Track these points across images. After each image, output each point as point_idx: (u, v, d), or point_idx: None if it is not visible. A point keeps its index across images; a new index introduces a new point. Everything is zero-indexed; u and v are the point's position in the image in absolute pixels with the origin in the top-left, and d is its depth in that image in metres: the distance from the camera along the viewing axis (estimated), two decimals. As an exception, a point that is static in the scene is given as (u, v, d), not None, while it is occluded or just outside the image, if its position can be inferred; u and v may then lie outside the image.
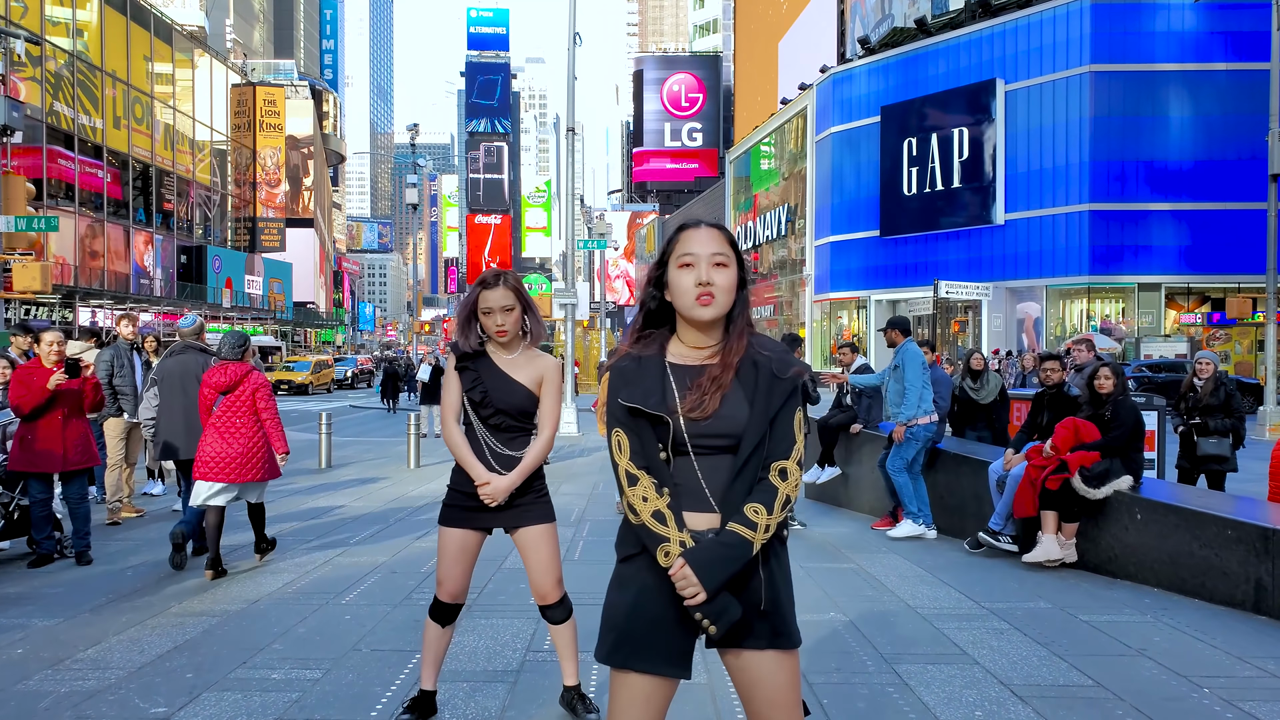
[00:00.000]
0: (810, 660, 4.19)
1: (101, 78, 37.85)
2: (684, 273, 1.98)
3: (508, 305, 3.25)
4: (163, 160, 44.10)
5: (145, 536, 7.37)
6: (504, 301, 3.25)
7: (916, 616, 5.00)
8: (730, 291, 2.00)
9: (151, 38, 42.73)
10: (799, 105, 46.66)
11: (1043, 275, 33.63)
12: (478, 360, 3.31)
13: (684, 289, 1.98)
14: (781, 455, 1.96)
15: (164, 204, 44.71)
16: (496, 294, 3.25)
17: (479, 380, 3.28)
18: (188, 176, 47.48)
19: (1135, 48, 32.17)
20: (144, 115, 41.96)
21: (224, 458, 5.76)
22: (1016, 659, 4.25)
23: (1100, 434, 6.20)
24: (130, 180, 40.89)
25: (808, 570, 6.14)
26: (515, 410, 3.29)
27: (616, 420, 1.98)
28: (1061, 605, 5.23)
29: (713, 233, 2.02)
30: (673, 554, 1.89)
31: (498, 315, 3.24)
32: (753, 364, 1.99)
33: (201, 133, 49.58)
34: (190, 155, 47.83)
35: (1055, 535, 6.18)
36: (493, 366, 3.30)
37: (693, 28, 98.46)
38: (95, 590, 5.54)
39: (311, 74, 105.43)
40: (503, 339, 3.27)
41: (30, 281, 13.11)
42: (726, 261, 1.99)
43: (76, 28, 36.60)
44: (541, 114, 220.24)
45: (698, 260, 1.97)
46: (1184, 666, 4.15)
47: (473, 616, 4.89)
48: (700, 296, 1.96)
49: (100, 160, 37.87)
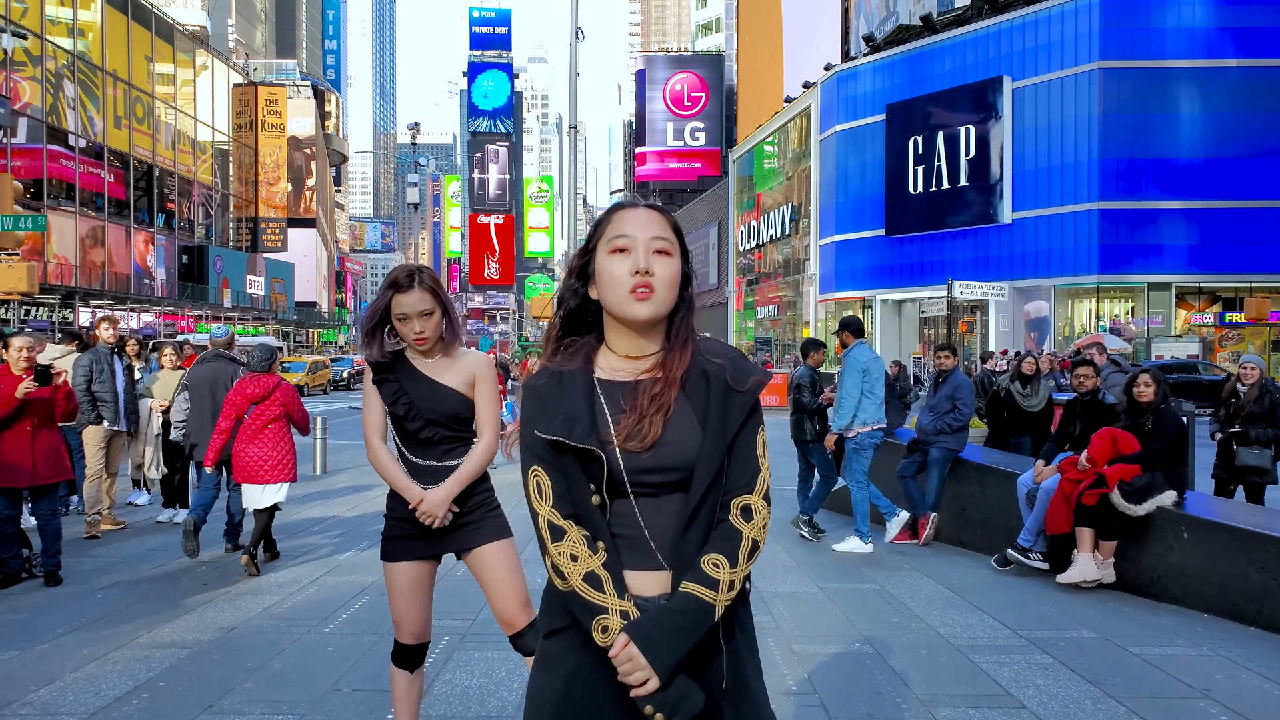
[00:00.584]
0: (836, 701, 3.77)
1: (103, 78, 37.53)
2: (616, 259, 1.57)
3: (426, 310, 2.82)
4: (164, 160, 43.80)
5: (123, 552, 6.96)
6: (421, 305, 2.82)
7: (950, 648, 4.58)
8: (673, 286, 1.59)
9: (153, 37, 42.42)
10: (803, 104, 46.22)
11: (1051, 275, 33.15)
12: (397, 368, 2.89)
13: (616, 279, 1.57)
14: (744, 489, 1.55)
15: (166, 204, 44.41)
16: (412, 297, 2.80)
17: (401, 391, 2.86)
18: (189, 176, 47.18)
19: (1145, 44, 31.70)
20: (145, 115, 41.66)
21: (260, 461, 6.14)
22: (1068, 701, 3.83)
23: (1140, 445, 5.78)
24: (131, 180, 40.59)
25: (826, 592, 5.73)
26: (448, 418, 2.86)
27: (535, 457, 1.56)
28: (1106, 635, 4.80)
29: (654, 214, 1.61)
30: (612, 629, 1.47)
31: (415, 321, 2.82)
32: (702, 375, 1.58)
33: (203, 133, 49.27)
34: (192, 155, 47.52)
35: (1092, 554, 5.76)
36: (415, 373, 2.89)
37: (695, 26, 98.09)
38: (60, 616, 5.13)
39: (314, 74, 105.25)
40: (422, 347, 2.86)
41: (16, 282, 12.70)
42: (670, 249, 1.59)
43: (78, 28, 36.29)
44: (544, 114, 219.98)
45: (634, 244, 1.57)
46: (1254, 711, 3.73)
47: (465, 649, 4.48)
48: (636, 289, 1.55)
49: (101, 160, 37.56)
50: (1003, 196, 34.82)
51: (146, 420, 8.44)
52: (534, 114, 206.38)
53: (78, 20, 36.35)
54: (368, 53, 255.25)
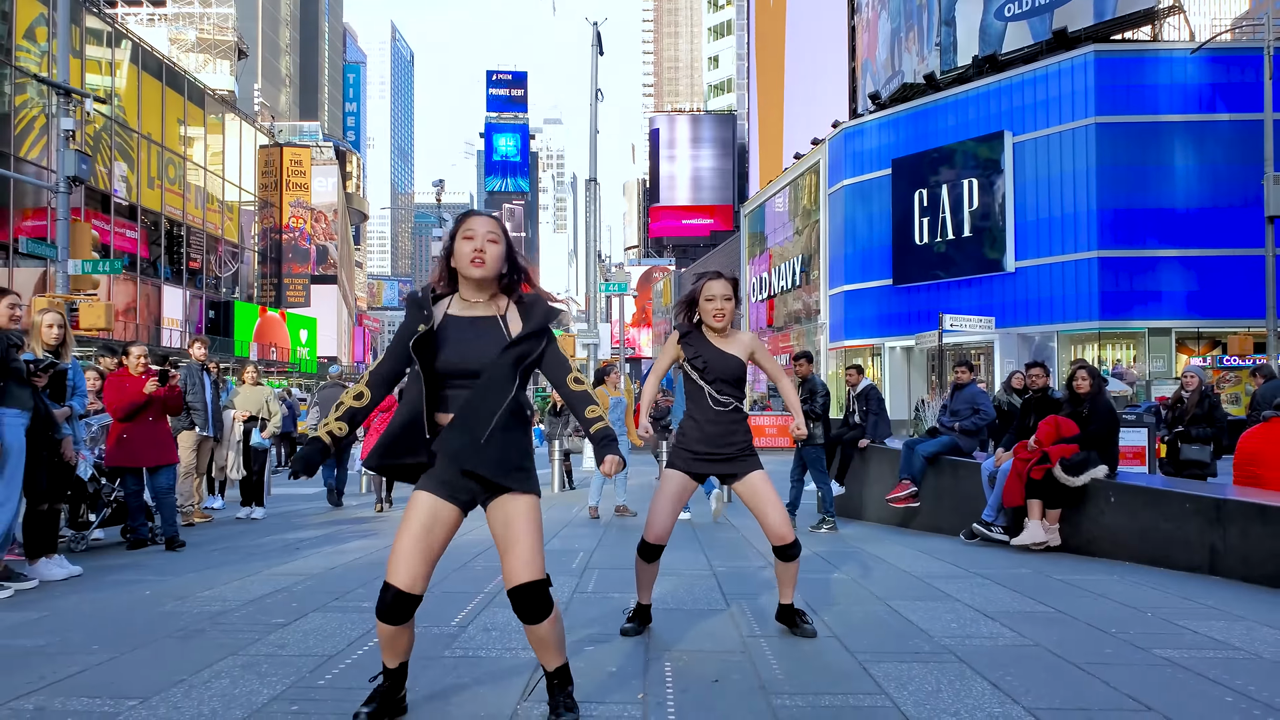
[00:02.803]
0: (814, 597, 4.90)
1: (136, 140, 39.61)
2: (464, 242, 2.87)
3: (726, 294, 3.91)
4: (192, 219, 45.73)
5: (220, 533, 8.16)
6: (725, 291, 3.91)
7: (911, 578, 5.70)
8: (498, 260, 2.89)
9: (185, 101, 44.66)
10: (812, 159, 47.95)
11: (1054, 321, 34.29)
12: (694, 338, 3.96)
13: (463, 254, 2.85)
14: (567, 370, 3.09)
15: (191, 262, 46.26)
16: (718, 285, 3.92)
17: (698, 354, 3.92)
18: (216, 234, 49.13)
19: (1139, 100, 33.23)
20: (176, 175, 43.71)
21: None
22: (992, 598, 4.97)
23: (1078, 429, 6.93)
24: (161, 239, 42.46)
25: (822, 556, 6.85)
26: (733, 378, 3.95)
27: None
28: (1040, 571, 5.92)
29: (490, 219, 2.91)
30: (320, 431, 2.95)
31: (719, 303, 3.89)
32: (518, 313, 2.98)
33: (230, 192, 51.38)
34: (219, 214, 49.54)
35: (1040, 520, 6.88)
36: (709, 345, 3.94)
37: (707, 87, 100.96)
38: (193, 563, 6.32)
39: (335, 135, 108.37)
40: (719, 324, 3.91)
41: (95, 319, 14.12)
42: (496, 239, 2.86)
43: (113, 93, 38.45)
44: (559, 173, 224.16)
45: (476, 235, 2.85)
46: (1136, 601, 4.85)
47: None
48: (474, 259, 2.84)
49: (134, 220, 39.44)
50: (1006, 246, 36.12)
51: (230, 428, 9.69)
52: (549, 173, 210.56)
53: (114, 86, 38.53)
54: (386, 114, 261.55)
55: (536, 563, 2.74)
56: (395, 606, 2.70)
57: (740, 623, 4.34)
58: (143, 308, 40.28)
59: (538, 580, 2.73)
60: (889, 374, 40.79)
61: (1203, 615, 4.52)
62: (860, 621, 4.39)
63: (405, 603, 2.70)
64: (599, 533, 8.12)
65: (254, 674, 3.42)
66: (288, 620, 4.34)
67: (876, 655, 3.73)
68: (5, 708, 3.01)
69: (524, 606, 2.74)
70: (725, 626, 4.26)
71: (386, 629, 2.75)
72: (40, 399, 5.59)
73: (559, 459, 13.21)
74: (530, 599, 2.73)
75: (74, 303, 14.20)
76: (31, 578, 5.43)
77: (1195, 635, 4.10)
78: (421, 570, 2.72)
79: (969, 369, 9.07)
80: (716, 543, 7.28)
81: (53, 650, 3.77)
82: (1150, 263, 32.56)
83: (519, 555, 2.74)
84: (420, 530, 2.73)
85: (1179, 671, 3.50)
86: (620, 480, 10.12)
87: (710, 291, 3.90)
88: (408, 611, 2.72)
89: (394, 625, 2.73)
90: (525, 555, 2.74)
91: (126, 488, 7.14)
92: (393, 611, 2.71)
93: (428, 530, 2.74)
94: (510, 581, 2.74)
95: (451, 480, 2.77)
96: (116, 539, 7.40)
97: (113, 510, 7.26)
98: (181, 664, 3.54)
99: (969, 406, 8.59)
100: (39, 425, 5.51)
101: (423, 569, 2.72)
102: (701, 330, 3.96)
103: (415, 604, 2.73)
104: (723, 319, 3.88)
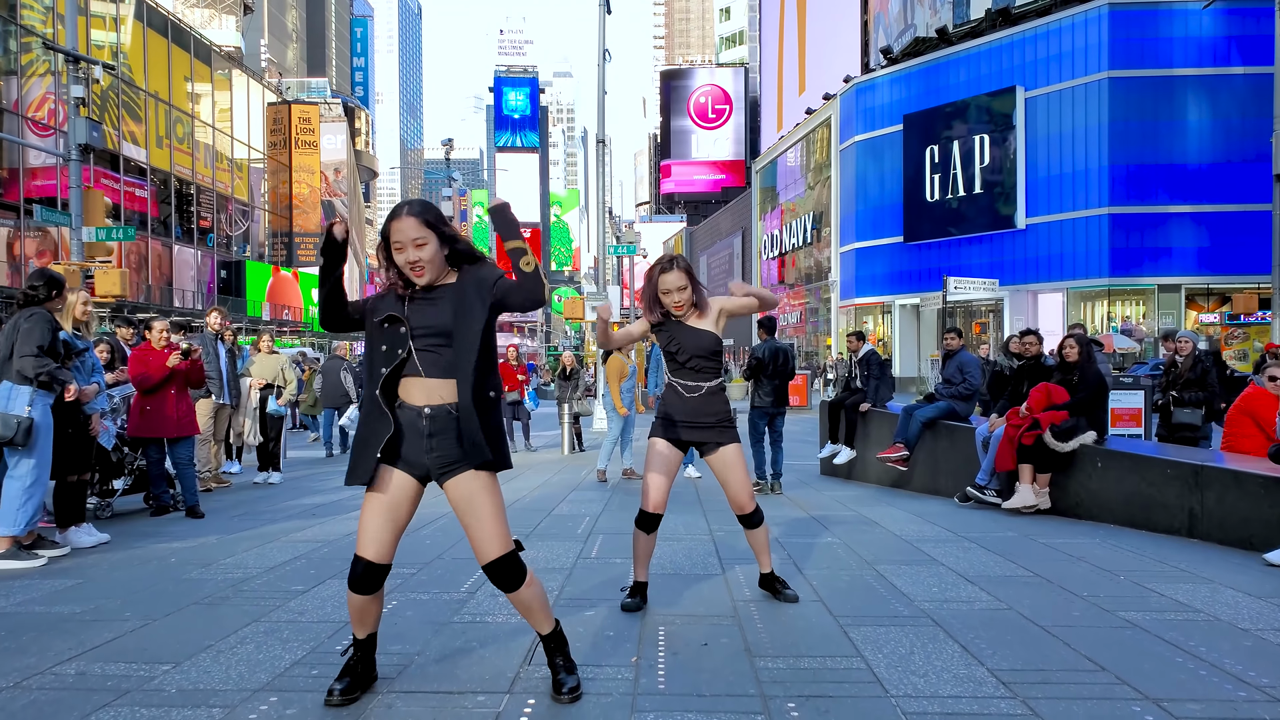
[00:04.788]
0: (803, 561, 5.15)
1: (144, 98, 39.59)
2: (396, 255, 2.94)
3: (680, 285, 4.04)
4: (202, 178, 45.79)
5: (238, 499, 8.48)
6: (679, 282, 4.03)
7: (901, 541, 5.95)
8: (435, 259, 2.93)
9: (191, 59, 44.49)
10: (824, 114, 47.57)
11: (1064, 278, 34.25)
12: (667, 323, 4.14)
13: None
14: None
15: (202, 221, 46.41)
16: (670, 277, 4.04)
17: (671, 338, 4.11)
18: (226, 193, 49.21)
19: (1152, 53, 32.81)
20: (185, 134, 43.70)
21: None
22: (975, 562, 5.21)
23: (1069, 396, 7.12)
24: (171, 198, 42.60)
25: (816, 519, 7.10)
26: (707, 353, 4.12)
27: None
28: (1026, 534, 6.16)
29: (412, 220, 2.90)
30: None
31: (675, 295, 4.02)
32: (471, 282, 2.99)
33: (239, 150, 51.34)
34: (229, 172, 49.58)
35: (1031, 485, 7.10)
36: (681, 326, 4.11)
37: (719, 39, 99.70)
38: (214, 529, 6.62)
39: (343, 91, 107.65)
40: (682, 313, 4.07)
41: (111, 286, 14.38)
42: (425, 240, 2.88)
43: (119, 50, 38.35)
44: (569, 127, 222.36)
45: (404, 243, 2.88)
46: (1111, 565, 5.08)
47: (529, 542, 5.90)
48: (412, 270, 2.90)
49: (144, 180, 39.55)
50: (1016, 203, 35.98)
51: (246, 396, 9.97)
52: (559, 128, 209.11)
53: (120, 44, 38.41)
54: (395, 70, 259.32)
55: (502, 536, 2.92)
56: (366, 577, 2.89)
57: (733, 587, 4.59)
58: (154, 268, 40.57)
59: (507, 553, 2.92)
60: (899, 331, 40.90)
61: (1172, 578, 4.75)
62: (845, 586, 4.64)
63: (375, 573, 2.90)
64: (605, 496, 8.40)
65: (276, 640, 3.69)
66: (306, 587, 4.62)
67: (857, 619, 3.98)
68: (49, 673, 3.29)
69: (500, 578, 2.93)
70: (718, 591, 4.52)
71: (357, 599, 2.94)
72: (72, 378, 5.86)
73: (568, 422, 13.49)
74: (504, 571, 2.92)
75: (89, 270, 14.47)
76: (64, 545, 5.74)
77: (1160, 598, 4.33)
78: (388, 541, 2.91)
79: (958, 335, 9.22)
80: (718, 506, 7.54)
81: (88, 617, 4.06)
82: (1161, 219, 32.42)
83: (485, 532, 2.90)
84: (384, 506, 2.91)
85: (1138, 634, 3.73)
86: (628, 443, 10.40)
87: (665, 285, 4.04)
88: (377, 581, 2.92)
89: (365, 595, 2.93)
90: (490, 531, 2.90)
91: (148, 457, 7.43)
92: (363, 582, 2.90)
93: (393, 506, 2.92)
94: (482, 558, 2.93)
95: (409, 455, 2.93)
96: (139, 505, 7.71)
97: (134, 479, 7.56)
98: (209, 630, 3.82)
99: (958, 373, 8.79)
100: (68, 404, 5.77)
101: (389, 540, 2.91)
102: (670, 317, 4.14)
103: (384, 574, 2.93)
104: (684, 307, 4.05)
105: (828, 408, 10.50)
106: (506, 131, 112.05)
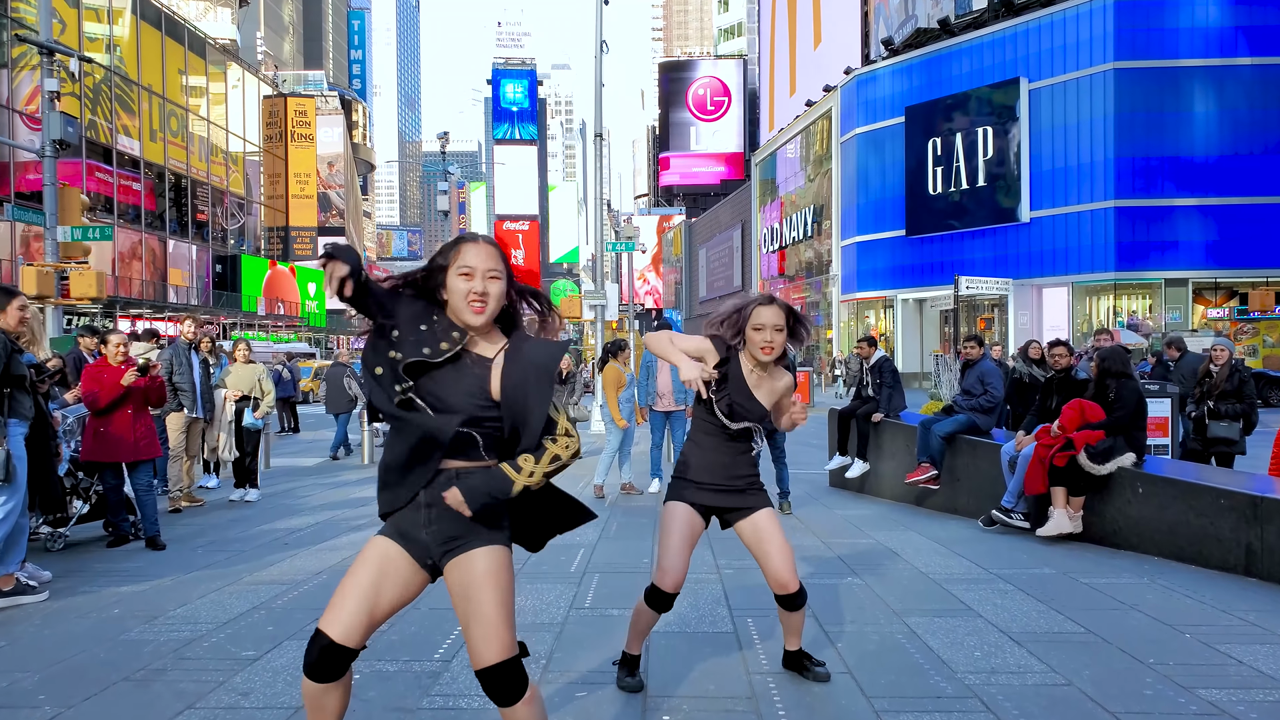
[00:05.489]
0: (827, 614, 4.59)
1: (138, 92, 38.91)
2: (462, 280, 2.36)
3: (778, 325, 3.36)
4: (197, 172, 45.16)
5: (208, 522, 7.90)
6: (776, 320, 3.36)
7: (929, 582, 5.38)
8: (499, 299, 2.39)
9: (186, 52, 43.79)
10: (824, 107, 46.90)
11: (1069, 272, 33.65)
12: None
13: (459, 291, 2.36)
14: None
15: (198, 214, 45.77)
16: (770, 312, 3.37)
17: (725, 394, 3.40)
18: (221, 187, 48.56)
19: (1159, 44, 32.16)
20: (179, 128, 43.02)
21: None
22: (1017, 612, 4.64)
23: (1105, 414, 6.55)
24: (165, 192, 41.95)
25: (829, 545, 6.53)
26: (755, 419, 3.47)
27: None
28: (1065, 570, 5.59)
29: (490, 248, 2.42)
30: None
31: (769, 334, 3.35)
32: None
33: (234, 144, 50.66)
34: (224, 166, 48.91)
35: (1065, 509, 6.53)
36: (741, 384, 3.41)
37: (717, 31, 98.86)
38: (172, 565, 6.05)
39: (340, 84, 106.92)
40: (767, 357, 3.37)
41: (86, 289, 13.79)
42: (499, 275, 2.39)
43: (113, 43, 37.67)
44: (568, 120, 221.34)
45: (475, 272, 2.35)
46: (1171, 617, 4.51)
47: (518, 583, 5.33)
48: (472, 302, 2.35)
49: (137, 173, 38.93)
50: (1020, 196, 35.37)
51: (221, 409, 9.38)
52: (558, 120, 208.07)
53: (112, 36, 37.71)
54: (392, 62, 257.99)
55: (506, 638, 2.32)
56: (325, 661, 2.27)
57: (748, 654, 4.02)
58: (148, 263, 39.94)
59: (509, 659, 2.31)
60: (901, 327, 40.32)
61: (1244, 636, 4.19)
62: (876, 649, 4.08)
63: (337, 657, 2.28)
64: (603, 517, 7.83)
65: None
66: (258, 653, 4.04)
67: (895, 700, 3.42)
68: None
69: (495, 688, 2.29)
70: (731, 660, 3.95)
71: (312, 687, 2.29)
72: (40, 404, 5.35)
73: (563, 428, 12.92)
74: (501, 680, 2.29)
75: (64, 271, 13.87)
76: (42, 590, 5.22)
77: (1240, 667, 3.77)
78: (360, 625, 2.30)
79: (979, 344, 8.63)
80: (724, 535, 6.95)
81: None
82: (1168, 212, 31.81)
83: (484, 631, 2.29)
84: (371, 577, 2.34)
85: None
86: (626, 456, 9.83)
87: (760, 319, 3.36)
88: (340, 667, 2.29)
89: (321, 684, 2.29)
90: (493, 629, 2.29)
91: (104, 483, 6.85)
92: (321, 667, 2.27)
93: (377, 581, 2.34)
94: (476, 662, 2.31)
95: (404, 526, 2.39)
96: (98, 533, 7.14)
97: (91, 506, 6.99)
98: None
99: (979, 384, 8.22)
100: (39, 432, 5.27)
101: (362, 624, 2.30)
102: (739, 357, 3.44)
103: (350, 658, 2.30)
104: (771, 352, 3.37)
105: (837, 417, 9.92)
106: (505, 124, 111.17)
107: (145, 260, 39.76)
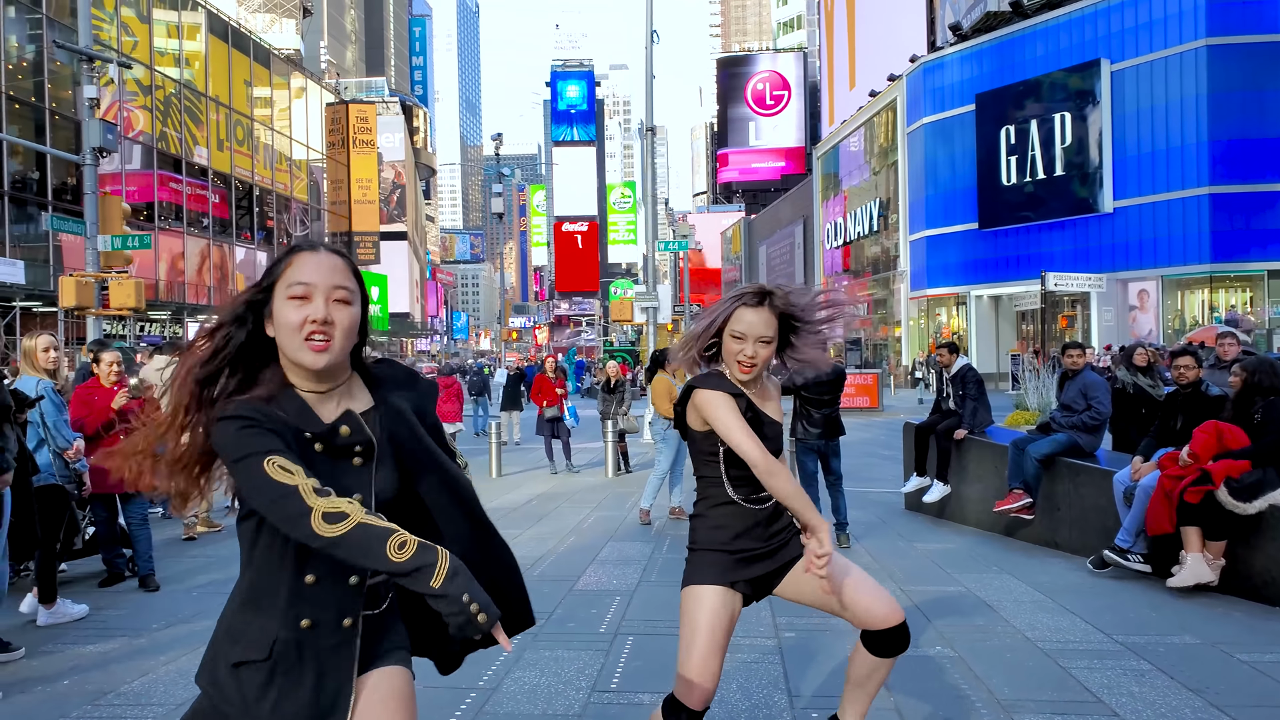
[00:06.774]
0: (913, 704, 3.63)
1: (206, 103, 39.34)
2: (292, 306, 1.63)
3: (767, 337, 2.50)
4: (263, 180, 45.60)
5: (218, 554, 7.22)
6: (765, 332, 2.49)
7: (1038, 652, 4.37)
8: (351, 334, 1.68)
9: (251, 63, 44.25)
10: (888, 97, 45.33)
11: (1157, 265, 31.68)
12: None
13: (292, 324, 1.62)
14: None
15: (266, 221, 46.23)
16: (755, 316, 2.49)
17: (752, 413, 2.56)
18: (286, 194, 49.01)
19: (1255, 16, 30.04)
20: (245, 137, 43.47)
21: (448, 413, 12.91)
22: (1165, 709, 3.60)
23: (1248, 439, 5.43)
24: (233, 200, 42.43)
25: (906, 591, 5.55)
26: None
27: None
28: (1212, 640, 4.52)
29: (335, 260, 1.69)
30: (409, 542, 1.47)
31: (750, 346, 2.49)
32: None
33: (299, 152, 51.13)
34: (289, 174, 49.37)
35: (1202, 554, 5.43)
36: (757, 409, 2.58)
37: (776, 25, 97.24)
38: (157, 613, 5.34)
39: (402, 90, 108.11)
40: (745, 375, 2.52)
41: (125, 299, 13.40)
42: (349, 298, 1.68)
43: (184, 57, 38.16)
44: (626, 120, 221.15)
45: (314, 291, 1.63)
46: (1378, 723, 3.44)
47: (536, 648, 4.48)
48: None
49: (205, 181, 39.38)
50: (1102, 185, 33.50)
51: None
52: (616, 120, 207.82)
53: (184, 50, 38.18)
54: (453, 68, 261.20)
55: None
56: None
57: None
58: (216, 270, 40.39)
59: None
60: (975, 325, 38.63)
61: None
62: (984, 770, 3.11)
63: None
64: (646, 553, 6.93)
65: None
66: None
67: None
68: None
69: None
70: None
71: None
72: (20, 437, 4.76)
73: (613, 439, 12.08)
74: None
75: (104, 281, 13.51)
76: (16, 649, 4.56)
77: None
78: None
79: (1081, 350, 7.49)
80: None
81: None
82: (1269, 198, 29.66)
83: None
84: None
85: None
86: (679, 478, 8.92)
87: (741, 324, 2.48)
88: None
89: None
90: None
91: (96, 516, 6.20)
92: None
93: None
94: None
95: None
96: (98, 567, 6.49)
97: (87, 541, 6.34)
98: None
99: (1082, 399, 7.10)
100: (21, 467, 4.67)
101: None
102: (724, 376, 2.54)
103: None
104: (750, 370, 2.49)
105: (914, 432, 8.87)
106: (564, 125, 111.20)
107: (214, 266, 40.24)
